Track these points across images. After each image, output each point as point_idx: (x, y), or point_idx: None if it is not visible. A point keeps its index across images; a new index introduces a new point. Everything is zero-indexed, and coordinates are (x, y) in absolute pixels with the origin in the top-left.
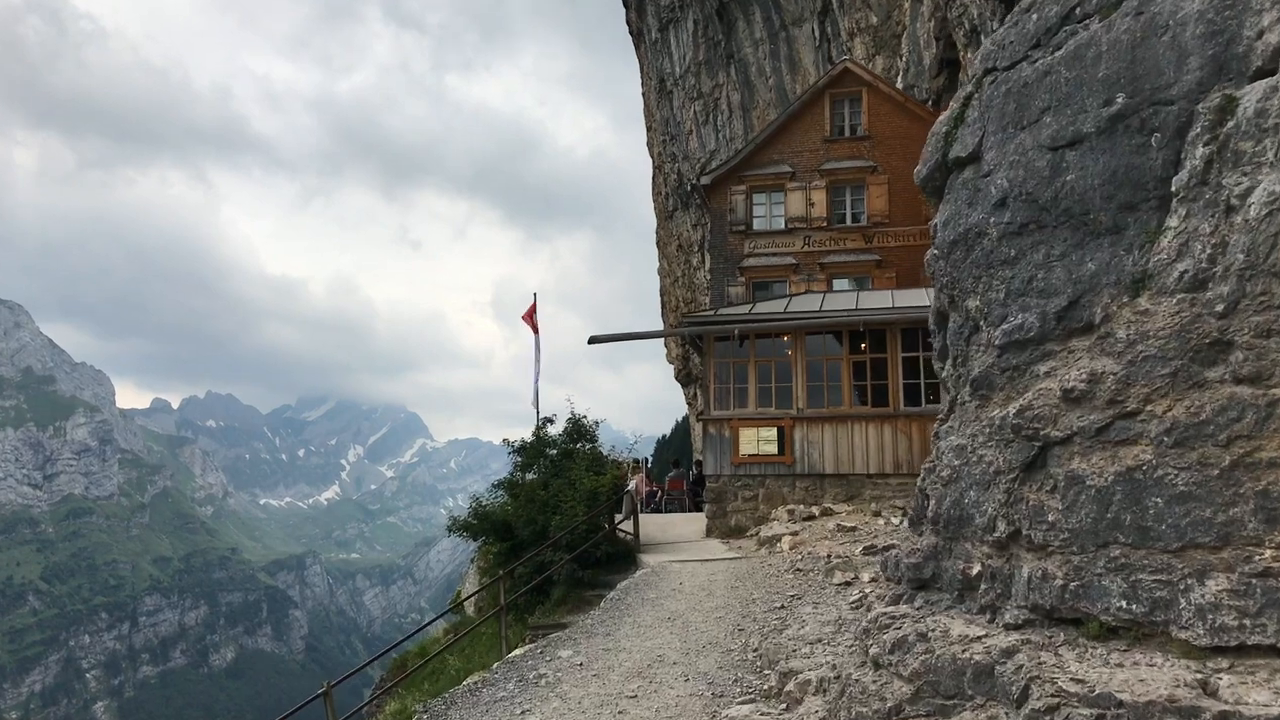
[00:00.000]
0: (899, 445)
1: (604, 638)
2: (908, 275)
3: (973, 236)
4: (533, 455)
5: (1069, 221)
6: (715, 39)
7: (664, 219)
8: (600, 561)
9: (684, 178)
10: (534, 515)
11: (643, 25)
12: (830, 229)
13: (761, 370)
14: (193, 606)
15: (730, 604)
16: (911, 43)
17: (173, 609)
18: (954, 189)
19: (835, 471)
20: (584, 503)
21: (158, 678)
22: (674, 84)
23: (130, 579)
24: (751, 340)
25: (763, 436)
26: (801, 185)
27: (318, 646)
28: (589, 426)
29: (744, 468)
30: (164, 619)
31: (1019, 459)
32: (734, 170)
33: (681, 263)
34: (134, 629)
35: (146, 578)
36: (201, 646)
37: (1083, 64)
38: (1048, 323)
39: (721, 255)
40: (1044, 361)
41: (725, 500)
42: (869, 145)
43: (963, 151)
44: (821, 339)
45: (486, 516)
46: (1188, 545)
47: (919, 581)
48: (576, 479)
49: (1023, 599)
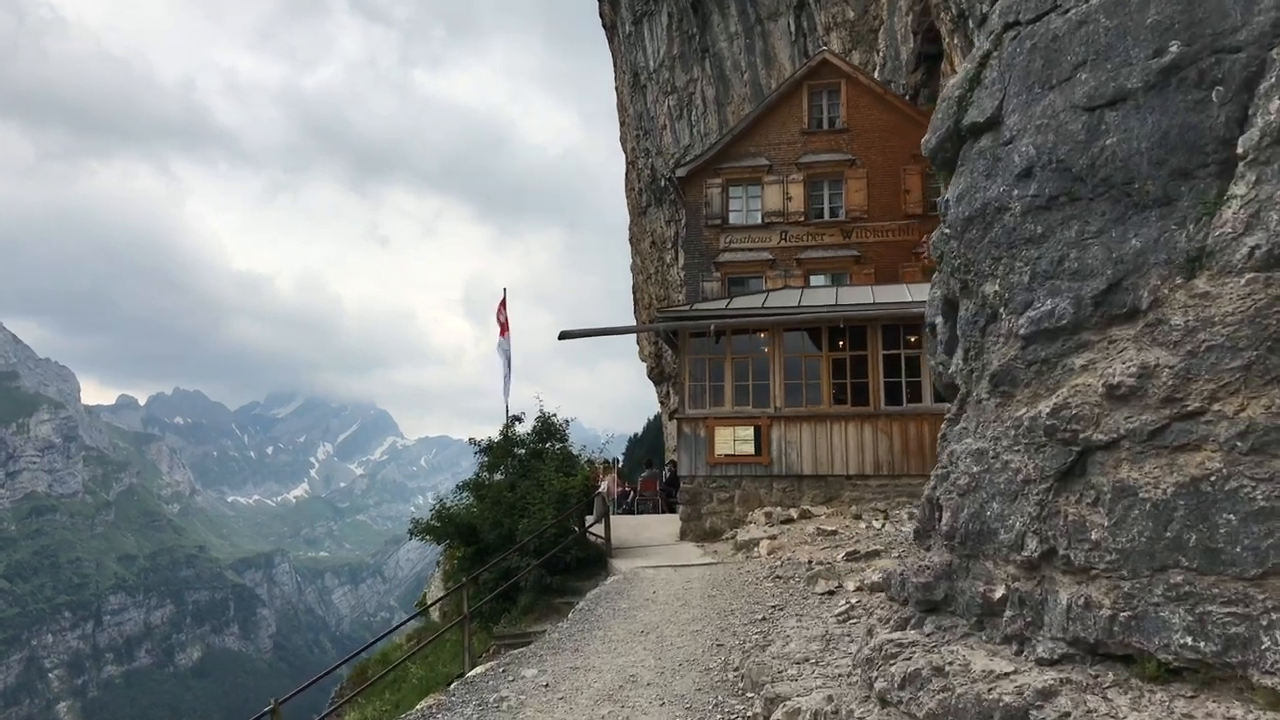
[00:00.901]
0: (879, 446)
1: (572, 654)
2: (886, 271)
3: (991, 212)
4: (500, 455)
5: (1108, 192)
6: (690, 33)
7: (637, 215)
8: (570, 567)
9: (657, 173)
10: (500, 518)
11: (616, 18)
12: (808, 224)
13: (738, 367)
14: (158, 605)
15: (708, 615)
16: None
17: (138, 608)
18: (969, 159)
19: (814, 473)
20: (553, 505)
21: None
22: (648, 78)
23: (94, 577)
24: (728, 336)
25: (739, 436)
26: (779, 179)
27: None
28: (559, 425)
29: (720, 468)
30: (129, 618)
31: (1053, 466)
32: (710, 163)
33: (655, 259)
34: (98, 628)
35: (111, 576)
36: (167, 646)
37: (1126, 10)
38: (1083, 309)
39: (697, 250)
40: (1079, 353)
41: (700, 502)
42: (848, 138)
43: (979, 117)
44: (800, 336)
45: (450, 519)
46: (1270, 572)
47: (929, 604)
48: (545, 480)
49: (1059, 630)
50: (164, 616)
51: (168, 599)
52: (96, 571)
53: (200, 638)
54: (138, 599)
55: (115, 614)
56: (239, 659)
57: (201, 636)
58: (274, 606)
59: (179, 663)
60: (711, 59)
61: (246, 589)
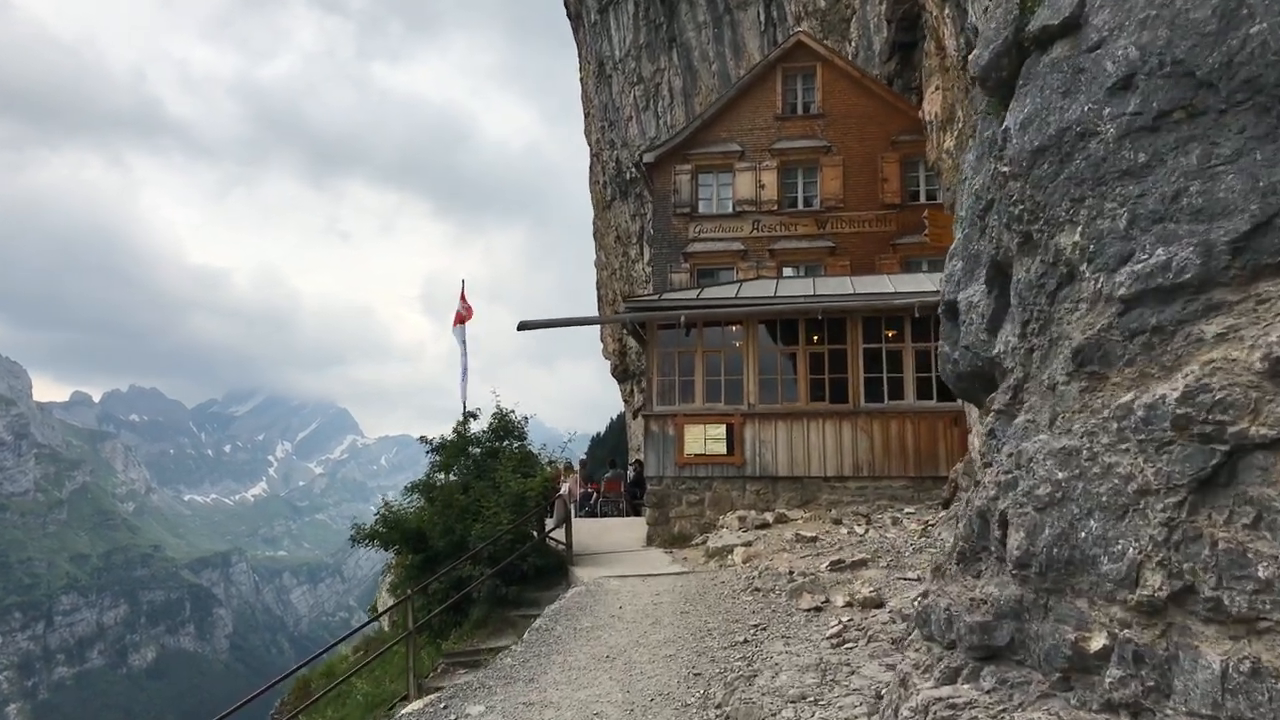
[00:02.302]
0: (859, 445)
1: (526, 685)
2: (863, 263)
3: (1071, 140)
4: (453, 454)
5: (1250, 101)
6: (657, 21)
7: (602, 209)
8: (527, 576)
9: (623, 166)
10: (451, 523)
11: (582, 7)
12: (781, 213)
13: (710, 362)
14: (112, 605)
15: (681, 636)
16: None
17: (90, 608)
18: (1036, 76)
19: (789, 474)
20: (509, 509)
21: (74, 679)
22: (613, 68)
23: (46, 577)
24: (699, 329)
25: (710, 435)
26: (751, 165)
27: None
28: (517, 423)
29: (689, 469)
30: (81, 618)
31: (1187, 471)
32: (679, 148)
33: (619, 254)
34: (49, 629)
35: (63, 576)
36: (120, 646)
37: None
38: (1214, 258)
39: (665, 240)
40: (1210, 317)
41: (668, 505)
42: (823, 124)
43: (1052, 19)
44: (775, 328)
45: (397, 524)
46: None
47: (986, 650)
48: (502, 481)
49: (1204, 702)
50: (117, 617)
51: (121, 599)
52: (48, 571)
53: (155, 638)
54: (90, 599)
55: (67, 614)
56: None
57: (156, 637)
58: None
59: (132, 664)
60: (679, 49)
61: (203, 589)
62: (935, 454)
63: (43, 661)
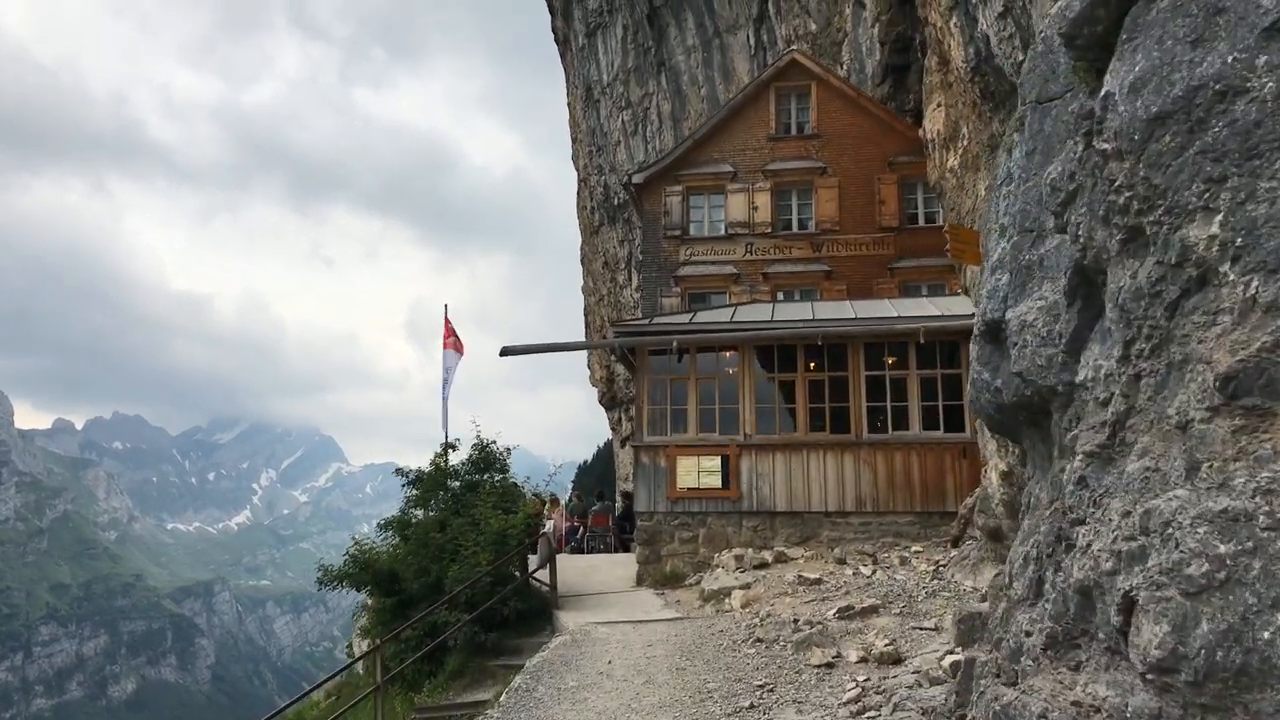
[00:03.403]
0: (862, 479)
1: None
2: (860, 288)
3: (1207, 102)
4: (430, 488)
5: None
6: (645, 45)
7: (589, 234)
8: (508, 621)
9: (611, 191)
10: (426, 563)
11: (569, 31)
12: (775, 236)
13: (703, 390)
14: (92, 636)
15: (679, 698)
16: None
17: (70, 638)
18: (1148, 26)
19: (788, 509)
20: (489, 548)
21: (52, 711)
22: (601, 92)
23: (25, 607)
24: (692, 354)
25: (704, 467)
26: (744, 187)
27: (225, 676)
28: (499, 454)
29: (682, 503)
30: (60, 649)
31: None
32: (669, 169)
33: (607, 280)
34: (28, 659)
35: (43, 606)
36: (100, 678)
37: None
38: None
39: (655, 263)
40: None
41: (659, 542)
42: (818, 144)
43: None
44: (773, 354)
45: (367, 565)
46: None
47: None
48: (482, 517)
49: None
50: (97, 647)
51: (102, 629)
52: (27, 601)
53: (135, 669)
54: (70, 629)
55: (46, 645)
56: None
57: (136, 668)
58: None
59: (112, 695)
60: (668, 73)
61: (185, 618)
62: (942, 488)
63: (21, 693)
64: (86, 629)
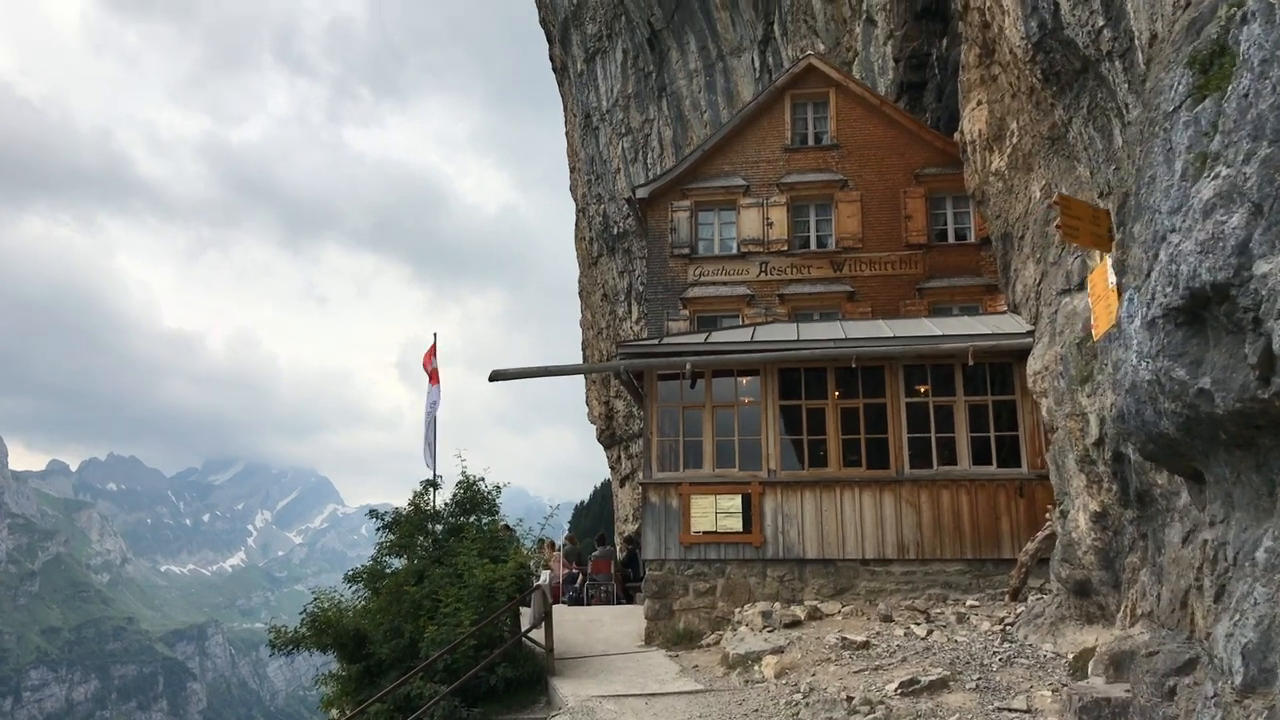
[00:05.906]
0: (904, 521)
1: None
2: (885, 309)
3: None
4: (409, 531)
5: None
6: (646, 70)
7: (588, 266)
8: (495, 692)
9: (610, 220)
10: (400, 623)
11: (567, 58)
12: (792, 254)
13: (721, 419)
14: (82, 680)
15: None
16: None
17: (60, 683)
18: None
19: (819, 556)
20: (474, 604)
21: None
22: (600, 119)
23: (15, 651)
24: (708, 379)
25: (722, 508)
26: (757, 201)
27: None
28: (487, 493)
29: (697, 549)
30: (50, 694)
31: None
32: (676, 182)
33: (606, 312)
34: (17, 704)
35: (33, 650)
36: None
37: None
38: None
39: (661, 284)
40: None
41: (671, 594)
42: (838, 156)
43: None
44: (799, 378)
45: (329, 625)
46: None
47: None
48: (465, 568)
49: None
50: (88, 692)
51: (92, 674)
52: (17, 645)
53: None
54: (60, 674)
55: (35, 690)
56: None
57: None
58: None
59: None
60: (669, 98)
61: (177, 662)
62: (996, 531)
63: None
64: (77, 673)
